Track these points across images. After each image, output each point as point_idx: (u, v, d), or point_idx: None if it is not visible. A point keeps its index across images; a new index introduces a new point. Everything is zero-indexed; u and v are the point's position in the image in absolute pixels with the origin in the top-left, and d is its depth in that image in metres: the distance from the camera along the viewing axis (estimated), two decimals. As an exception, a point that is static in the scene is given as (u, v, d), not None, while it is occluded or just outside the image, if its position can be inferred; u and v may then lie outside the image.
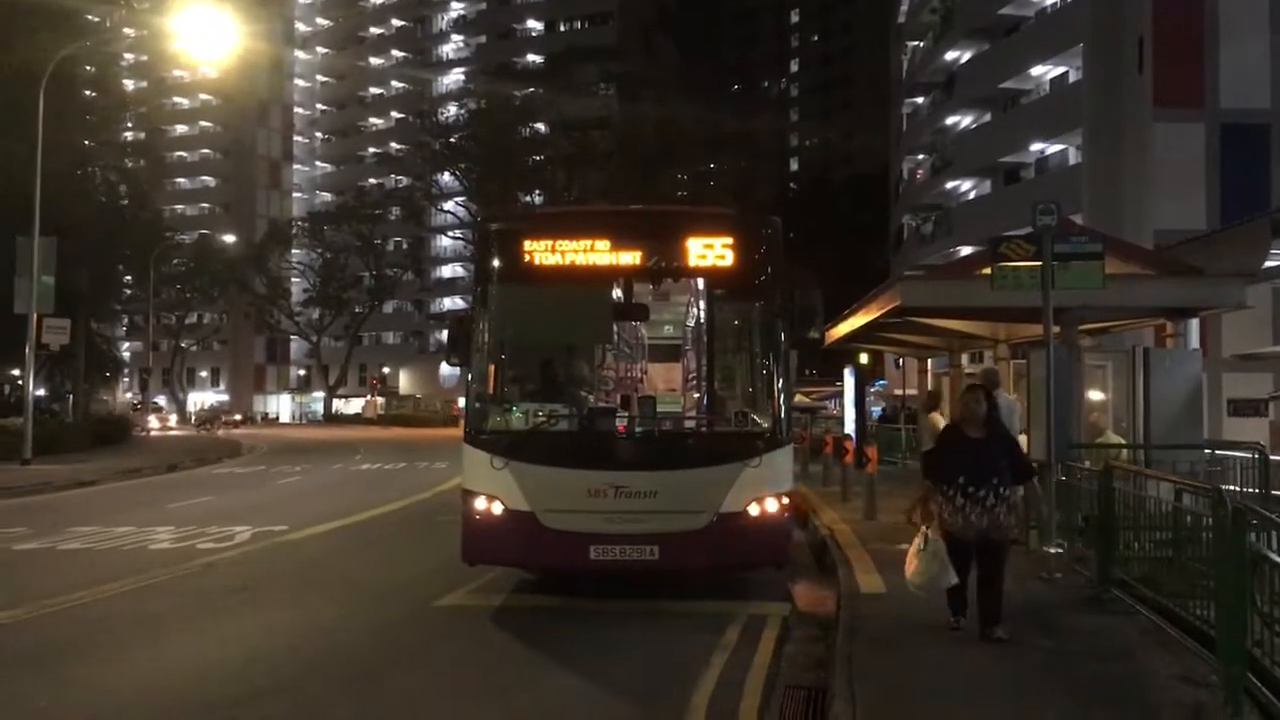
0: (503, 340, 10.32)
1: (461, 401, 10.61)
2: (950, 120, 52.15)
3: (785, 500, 9.71)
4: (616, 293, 10.40)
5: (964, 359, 20.59)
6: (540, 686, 7.50)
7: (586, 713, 6.91)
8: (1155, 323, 16.08)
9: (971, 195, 51.13)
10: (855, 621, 8.52)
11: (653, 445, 10.12)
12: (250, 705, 6.94)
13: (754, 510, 9.48)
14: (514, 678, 7.74)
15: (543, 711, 6.99)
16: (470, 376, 10.06)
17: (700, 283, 11.03)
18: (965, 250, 41.20)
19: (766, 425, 9.89)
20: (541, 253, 9.81)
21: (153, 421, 66.02)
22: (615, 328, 11.41)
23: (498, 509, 9.59)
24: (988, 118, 48.80)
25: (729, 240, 9.83)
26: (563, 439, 10.15)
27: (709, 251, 9.82)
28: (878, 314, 15.36)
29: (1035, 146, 43.66)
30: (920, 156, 57.86)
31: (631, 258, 9.87)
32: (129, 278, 60.58)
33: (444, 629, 9.29)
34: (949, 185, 52.25)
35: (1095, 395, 14.04)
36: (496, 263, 10.07)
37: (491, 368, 10.25)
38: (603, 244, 9.79)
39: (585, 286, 10.00)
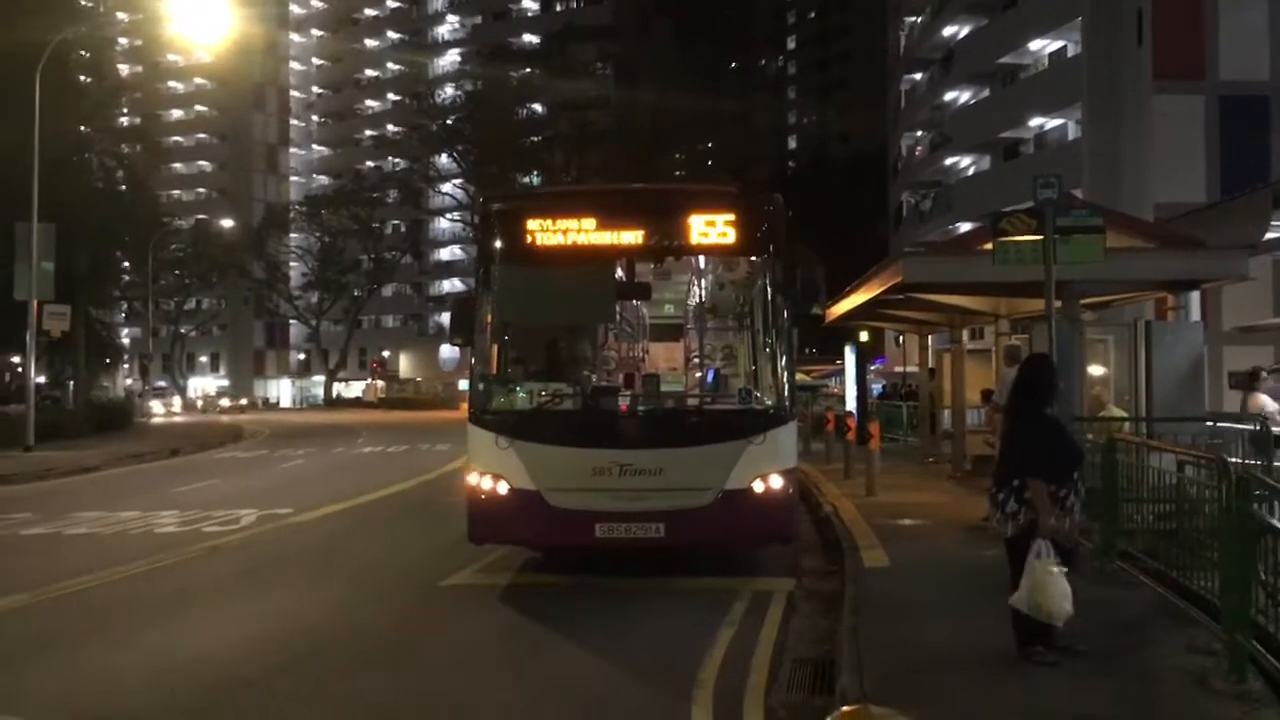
0: (506, 320, 10.34)
1: (464, 383, 10.63)
2: (949, 96, 51.98)
3: (789, 476, 9.75)
4: (619, 271, 10.41)
5: (965, 335, 20.59)
6: (549, 663, 7.55)
7: (596, 688, 6.96)
8: (1157, 296, 16.10)
9: (971, 171, 51.02)
10: (860, 595, 8.58)
11: (657, 423, 10.16)
12: (261, 684, 6.99)
13: (758, 487, 9.51)
14: (523, 655, 7.79)
15: (553, 687, 7.04)
16: (474, 357, 10.09)
17: (703, 260, 11.05)
18: (965, 227, 41.14)
19: (770, 402, 9.92)
20: (543, 232, 9.80)
21: (157, 407, 66.03)
22: (618, 306, 11.42)
23: (503, 488, 9.62)
24: (986, 93, 48.65)
25: (731, 217, 9.82)
26: (567, 418, 10.19)
27: (711, 229, 9.80)
28: (879, 290, 15.36)
29: (1034, 121, 43.55)
30: (919, 133, 57.69)
31: (634, 236, 9.87)
32: (127, 264, 60.46)
33: (452, 608, 9.35)
34: (948, 162, 52.12)
35: (1097, 370, 14.06)
36: (498, 243, 10.07)
37: (495, 348, 10.29)
38: (605, 222, 9.79)
39: (588, 265, 9.99)
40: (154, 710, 6.54)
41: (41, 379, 50.79)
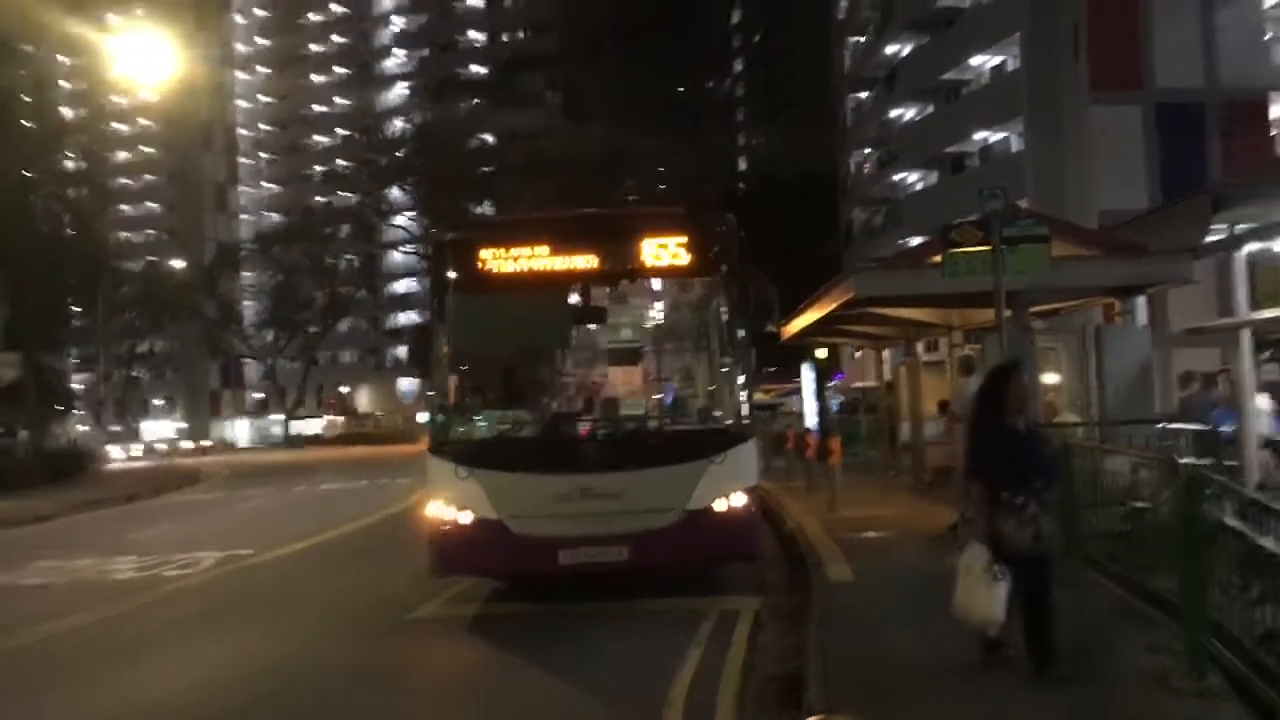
0: (462, 350, 10.34)
1: (423, 415, 10.64)
2: (894, 113, 52.64)
3: (751, 494, 9.79)
4: (573, 296, 10.45)
5: (920, 347, 20.81)
6: (517, 691, 7.52)
7: (565, 714, 6.95)
8: (1105, 301, 16.37)
9: (919, 186, 51.64)
10: (826, 609, 8.63)
11: (617, 446, 10.16)
12: (227, 727, 6.91)
13: (720, 506, 9.54)
14: (492, 685, 7.76)
15: (521, 715, 7.00)
16: (431, 387, 10.07)
17: (657, 282, 11.13)
18: (916, 240, 41.59)
19: (729, 421, 9.97)
20: (495, 260, 9.83)
21: (116, 452, 64.91)
22: (574, 331, 11.46)
23: (465, 518, 9.58)
24: (931, 109, 49.33)
25: (683, 239, 9.89)
26: (526, 445, 10.19)
27: (664, 251, 9.87)
28: (833, 307, 15.51)
29: (979, 135, 44.19)
30: (867, 150, 58.36)
31: (586, 261, 9.92)
32: (77, 309, 59.63)
33: (420, 642, 9.28)
34: (896, 178, 52.76)
35: (1049, 377, 14.26)
36: (451, 273, 10.08)
37: (453, 378, 10.28)
38: (557, 249, 9.84)
39: (541, 292, 10.03)
40: (117, 758, 6.44)
41: (-8, 428, 49.98)
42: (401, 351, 71.93)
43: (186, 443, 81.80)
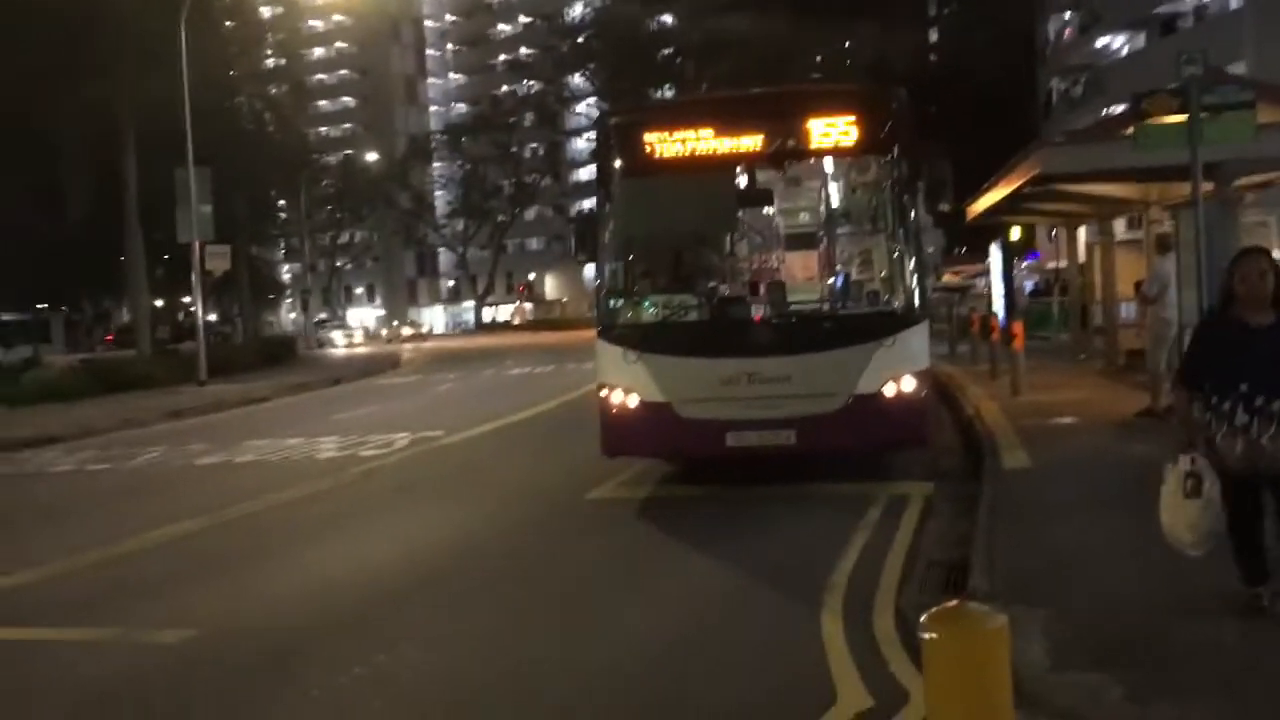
0: (629, 234, 10.40)
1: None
2: (1097, -28, 49.09)
3: (922, 379, 9.60)
4: (740, 179, 10.32)
5: (1121, 224, 19.69)
6: (686, 570, 7.71)
7: (731, 592, 7.09)
8: (1325, 171, 15.07)
9: (1124, 51, 48.29)
10: (998, 497, 8.46)
11: (784, 330, 10.09)
12: (410, 595, 7.37)
13: (890, 390, 9.40)
14: (661, 564, 7.97)
15: (689, 593, 7.18)
16: (599, 273, 10.21)
17: (826, 162, 10.87)
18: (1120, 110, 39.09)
19: (899, 304, 9.76)
20: (661, 144, 9.79)
21: (338, 338, 67.79)
22: (739, 214, 11.34)
23: (633, 401, 9.76)
24: (1138, -35, 45.75)
25: (850, 117, 9.61)
26: (694, 329, 10.25)
27: (832, 130, 9.62)
28: (1018, 184, 14.82)
29: (1192, -9, 40.86)
30: (1066, 15, 54.77)
31: (751, 142, 9.76)
32: (282, 202, 62.59)
33: (594, 520, 9.61)
34: (1099, 43, 49.46)
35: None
36: (615, 158, 10.11)
37: (620, 263, 10.38)
38: (719, 131, 9.71)
39: (705, 175, 9.96)
40: (312, 621, 6.93)
41: (212, 317, 53.64)
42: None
43: (406, 329, 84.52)
